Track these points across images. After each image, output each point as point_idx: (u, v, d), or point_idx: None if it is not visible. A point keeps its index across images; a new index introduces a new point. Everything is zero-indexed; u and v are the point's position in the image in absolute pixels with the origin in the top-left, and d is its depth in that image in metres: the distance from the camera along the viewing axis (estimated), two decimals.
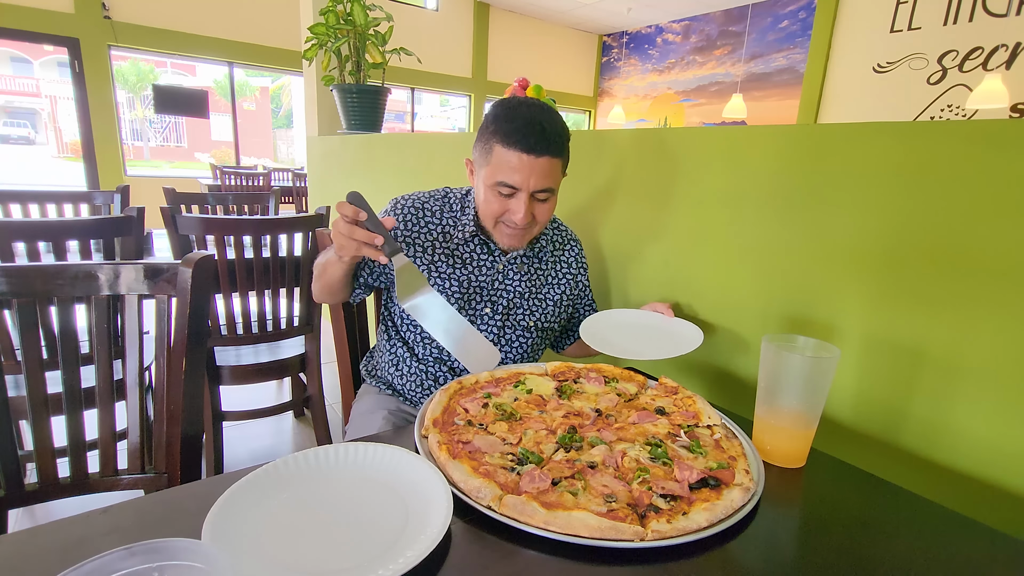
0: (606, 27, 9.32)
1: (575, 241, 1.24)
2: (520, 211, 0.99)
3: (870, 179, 0.92)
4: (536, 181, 0.98)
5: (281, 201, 3.25)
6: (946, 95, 5.38)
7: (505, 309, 1.11)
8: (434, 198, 1.12)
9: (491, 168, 0.99)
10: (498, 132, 0.97)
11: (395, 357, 1.14)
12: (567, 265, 1.20)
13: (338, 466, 0.66)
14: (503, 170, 0.97)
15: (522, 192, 0.98)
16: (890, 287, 0.91)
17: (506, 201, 1.00)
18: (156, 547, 0.41)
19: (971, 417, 0.83)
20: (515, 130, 0.96)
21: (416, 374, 1.11)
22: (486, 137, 1.00)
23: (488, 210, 1.03)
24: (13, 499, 0.86)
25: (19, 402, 1.07)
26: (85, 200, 2.48)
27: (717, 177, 1.16)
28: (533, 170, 0.97)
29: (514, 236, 1.05)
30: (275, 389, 2.62)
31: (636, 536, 0.56)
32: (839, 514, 0.67)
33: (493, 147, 0.98)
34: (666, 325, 1.11)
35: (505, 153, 0.97)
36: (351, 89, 2.60)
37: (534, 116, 0.97)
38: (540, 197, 1.01)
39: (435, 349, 1.10)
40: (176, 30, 6.57)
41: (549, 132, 0.97)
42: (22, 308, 0.85)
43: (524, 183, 0.97)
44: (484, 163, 1.01)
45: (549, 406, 0.84)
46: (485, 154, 1.00)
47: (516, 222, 1.00)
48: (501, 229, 1.05)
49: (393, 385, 1.15)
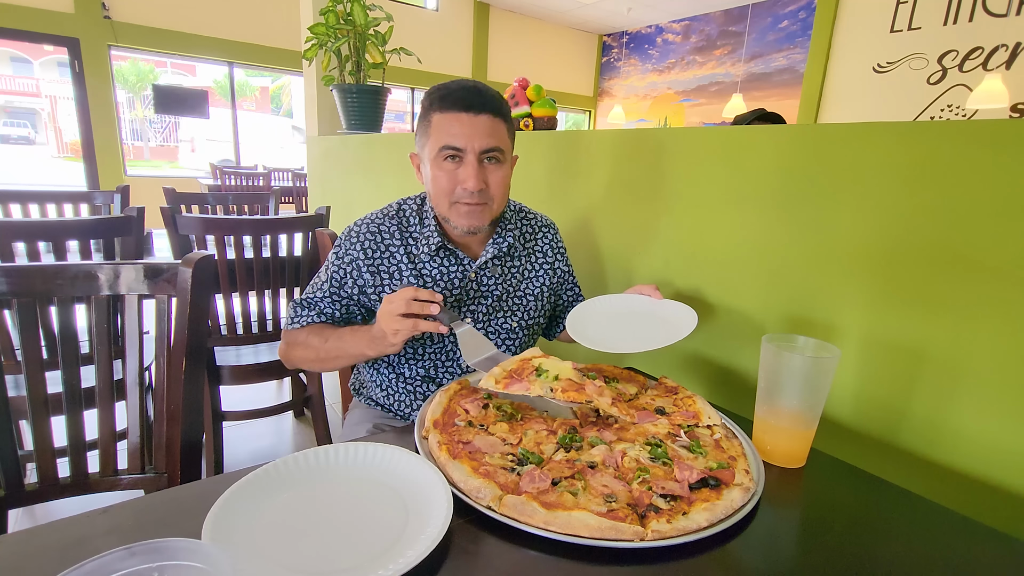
0: (606, 27, 9.32)
1: (547, 227, 1.19)
2: (471, 176, 0.94)
3: (870, 179, 0.92)
4: (480, 140, 0.94)
5: (281, 201, 3.25)
6: (946, 95, 5.38)
7: (486, 316, 1.07)
8: (388, 217, 1.05)
9: (433, 139, 0.96)
10: (434, 101, 0.96)
11: (381, 378, 1.11)
12: (542, 254, 1.15)
13: (338, 466, 0.66)
14: (445, 135, 0.94)
15: (468, 154, 0.95)
16: (890, 287, 0.91)
17: (454, 171, 0.96)
18: (156, 547, 0.41)
19: (971, 417, 0.83)
20: (449, 94, 0.95)
21: (404, 394, 1.08)
22: (424, 115, 0.98)
23: (438, 189, 0.97)
24: (13, 499, 0.86)
25: (19, 402, 1.07)
26: (85, 200, 2.48)
27: (717, 177, 1.16)
28: (475, 128, 0.94)
29: (472, 212, 0.98)
30: (275, 389, 2.63)
31: (636, 536, 0.56)
32: (839, 514, 0.67)
33: (432, 117, 0.96)
34: (657, 309, 1.05)
35: (444, 118, 0.95)
36: (351, 89, 2.60)
37: (466, 83, 0.97)
38: (488, 158, 0.96)
39: (422, 368, 1.06)
40: (176, 30, 6.57)
41: (484, 91, 0.96)
42: (22, 308, 0.85)
43: (468, 142, 0.94)
44: (426, 140, 0.98)
45: (589, 388, 0.81)
46: (425, 130, 0.98)
47: (469, 188, 0.95)
48: (457, 209, 0.98)
49: (381, 403, 1.12)
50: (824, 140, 0.99)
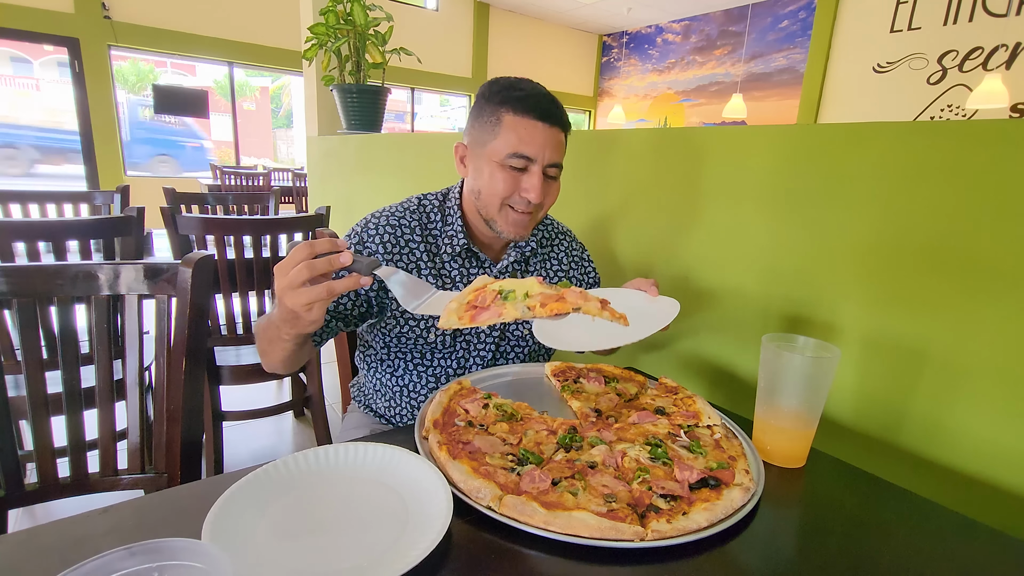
0: (606, 27, 9.32)
1: (563, 234, 1.15)
2: (535, 188, 0.90)
3: (870, 179, 0.92)
4: (551, 153, 0.91)
5: (281, 201, 3.25)
6: (946, 95, 5.38)
7: (502, 323, 1.01)
8: (409, 211, 1.01)
9: (501, 140, 0.90)
10: (508, 100, 0.90)
11: (384, 388, 1.07)
12: (557, 262, 1.12)
13: (338, 466, 0.66)
14: (517, 140, 0.89)
15: (536, 165, 0.91)
16: (890, 287, 0.91)
17: (517, 178, 0.92)
18: (156, 547, 0.41)
19: (971, 417, 0.83)
20: (527, 97, 0.90)
21: (407, 407, 1.05)
22: (491, 109, 0.92)
23: (494, 191, 0.92)
24: (13, 499, 0.86)
25: (19, 402, 1.07)
26: (85, 200, 2.48)
27: (717, 177, 1.16)
28: (548, 140, 0.91)
29: (521, 221, 0.95)
30: (275, 389, 2.62)
31: (636, 536, 0.56)
32: (839, 514, 0.67)
33: (502, 117, 0.90)
34: (644, 305, 0.93)
35: (519, 121, 0.89)
36: (351, 89, 2.60)
37: (540, 88, 0.93)
38: (551, 174, 0.94)
39: (432, 378, 1.02)
40: (176, 30, 6.58)
41: (558, 103, 0.93)
42: (22, 308, 0.85)
43: (540, 153, 0.90)
44: (490, 137, 0.92)
45: (570, 296, 0.71)
46: (491, 127, 0.92)
47: (531, 199, 0.91)
48: (507, 215, 0.94)
49: (380, 413, 1.09)
50: (824, 140, 0.99)
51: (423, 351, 1.01)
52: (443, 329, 0.75)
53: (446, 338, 1.00)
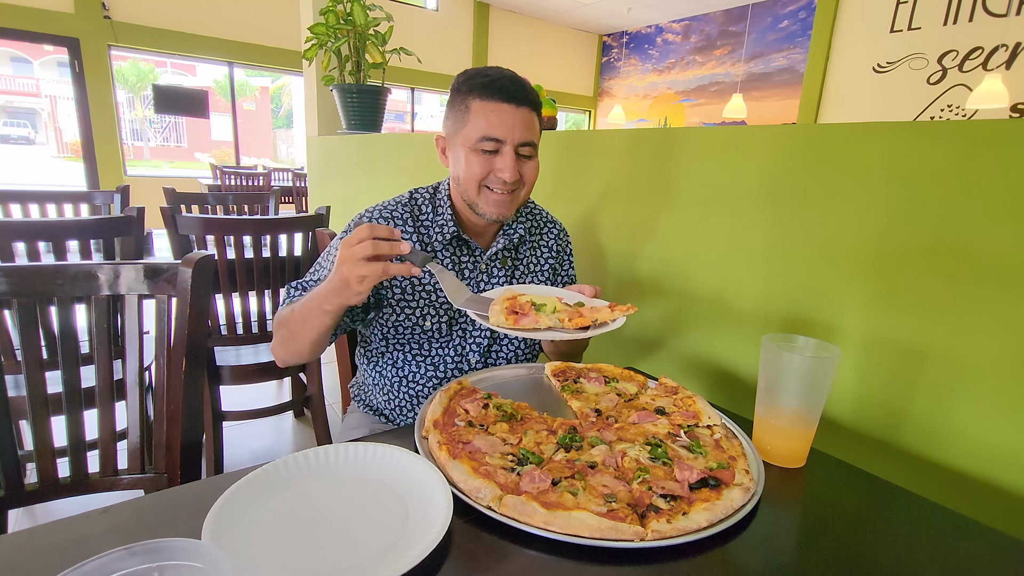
0: (606, 27, 9.32)
1: (551, 223, 1.18)
2: (508, 167, 0.94)
3: (870, 179, 0.92)
4: (520, 133, 0.94)
5: (281, 201, 3.25)
6: (946, 95, 5.38)
7: None
8: (401, 205, 1.04)
9: (471, 126, 0.94)
10: (474, 88, 0.94)
11: (383, 380, 1.08)
12: (547, 249, 1.15)
13: (338, 466, 0.66)
14: (485, 124, 0.93)
15: (507, 145, 0.94)
16: (890, 287, 0.91)
17: (491, 160, 0.95)
18: (156, 547, 0.41)
19: (971, 417, 0.83)
20: (492, 82, 0.94)
21: (406, 399, 1.06)
22: (460, 98, 0.96)
23: (471, 174, 0.96)
24: (13, 499, 0.86)
25: (19, 402, 1.07)
26: (85, 200, 2.48)
27: (717, 177, 1.16)
28: (516, 120, 0.94)
29: (501, 201, 0.98)
30: (275, 389, 2.62)
31: (636, 536, 0.56)
32: (839, 514, 0.67)
33: (470, 104, 0.94)
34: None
35: (485, 106, 0.93)
36: (351, 89, 2.60)
37: (506, 72, 0.97)
38: (524, 153, 0.97)
39: (430, 367, 1.04)
40: (176, 30, 6.58)
41: (525, 84, 0.96)
42: (22, 308, 0.85)
43: (509, 134, 0.94)
44: (461, 125, 0.96)
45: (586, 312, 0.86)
46: (461, 115, 0.96)
47: (505, 179, 0.94)
48: (487, 196, 0.98)
49: (380, 409, 1.11)
50: (824, 140, 0.99)
51: (420, 340, 1.04)
52: (491, 327, 0.84)
53: (442, 326, 1.04)
